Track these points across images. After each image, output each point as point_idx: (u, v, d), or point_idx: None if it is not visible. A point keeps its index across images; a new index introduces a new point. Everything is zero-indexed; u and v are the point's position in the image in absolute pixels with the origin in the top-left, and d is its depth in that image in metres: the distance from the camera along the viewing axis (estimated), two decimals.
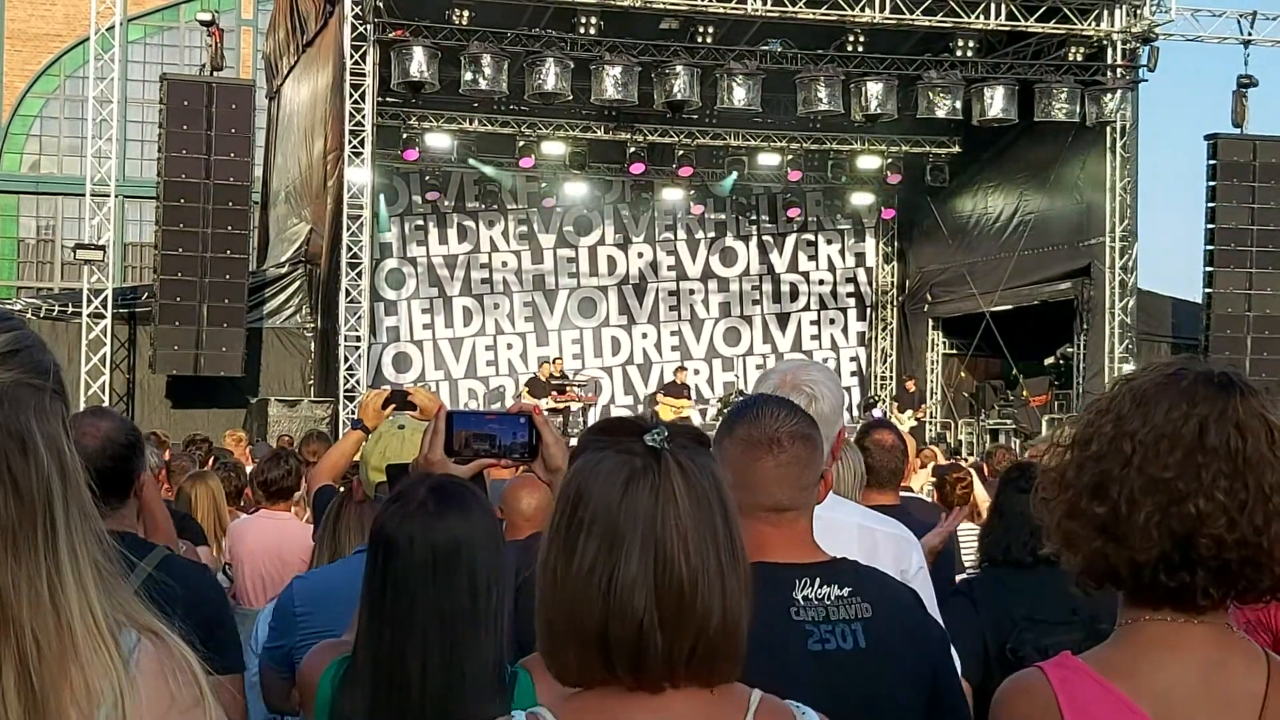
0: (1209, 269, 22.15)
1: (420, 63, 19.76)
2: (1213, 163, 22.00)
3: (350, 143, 19.83)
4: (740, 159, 24.29)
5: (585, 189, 24.68)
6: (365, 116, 19.89)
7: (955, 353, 25.65)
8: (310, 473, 5.50)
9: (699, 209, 25.57)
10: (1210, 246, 22.12)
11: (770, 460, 2.46)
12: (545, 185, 24.51)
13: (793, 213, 25.87)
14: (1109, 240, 21.90)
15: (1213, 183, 22.03)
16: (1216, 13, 22.30)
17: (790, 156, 24.22)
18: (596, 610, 1.62)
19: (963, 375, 25.47)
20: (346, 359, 19.88)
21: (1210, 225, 22.09)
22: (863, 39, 20.90)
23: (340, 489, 4.54)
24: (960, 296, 24.52)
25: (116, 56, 21.95)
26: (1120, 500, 1.80)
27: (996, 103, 21.27)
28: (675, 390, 22.87)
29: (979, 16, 21.01)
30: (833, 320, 26.73)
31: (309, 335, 21.90)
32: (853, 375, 26.40)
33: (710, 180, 25.16)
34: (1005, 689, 1.89)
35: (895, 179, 24.69)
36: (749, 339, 26.11)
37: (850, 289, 26.82)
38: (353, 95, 19.79)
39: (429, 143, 22.64)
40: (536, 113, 22.49)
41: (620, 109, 21.70)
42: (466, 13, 19.66)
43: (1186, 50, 26.40)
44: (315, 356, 21.65)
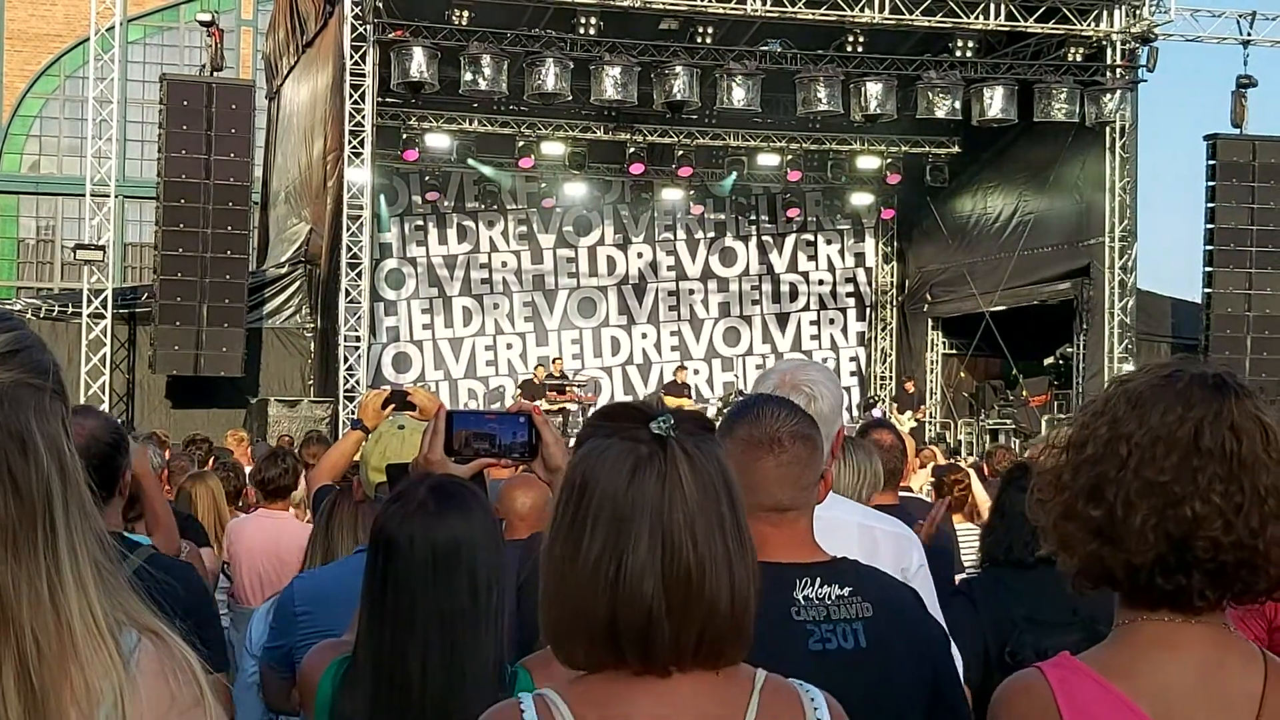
0: (1208, 269, 22.16)
1: (420, 63, 19.76)
2: (1212, 163, 22.02)
3: (350, 143, 19.83)
4: (740, 159, 24.30)
5: (585, 189, 24.69)
6: (365, 117, 19.89)
7: (955, 353, 25.65)
8: (310, 474, 5.50)
9: (698, 209, 25.58)
10: (1210, 247, 22.13)
11: (771, 460, 2.46)
12: (545, 185, 24.52)
13: (792, 213, 25.88)
14: (1108, 240, 21.91)
15: (1212, 183, 22.04)
16: (1216, 13, 22.33)
17: (790, 156, 24.22)
18: (604, 597, 1.62)
19: (962, 375, 25.47)
20: (346, 359, 19.88)
21: (1210, 225, 22.10)
22: (862, 39, 20.91)
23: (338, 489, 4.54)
24: (960, 296, 24.53)
25: (116, 57, 21.96)
26: (1116, 503, 1.80)
27: (996, 103, 21.29)
28: (675, 390, 22.86)
29: (978, 17, 21.01)
30: (832, 320, 26.74)
31: (309, 335, 21.90)
32: (852, 375, 26.40)
33: (710, 180, 25.17)
34: (1004, 690, 1.89)
35: (895, 179, 24.70)
36: (748, 339, 26.11)
37: (850, 289, 26.83)
38: (352, 95, 19.80)
39: (429, 143, 22.65)
40: (536, 113, 22.49)
41: (620, 109, 21.70)
42: (466, 13, 19.67)
43: (1186, 50, 26.46)
44: (315, 357, 21.65)
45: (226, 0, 31.64)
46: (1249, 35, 22.23)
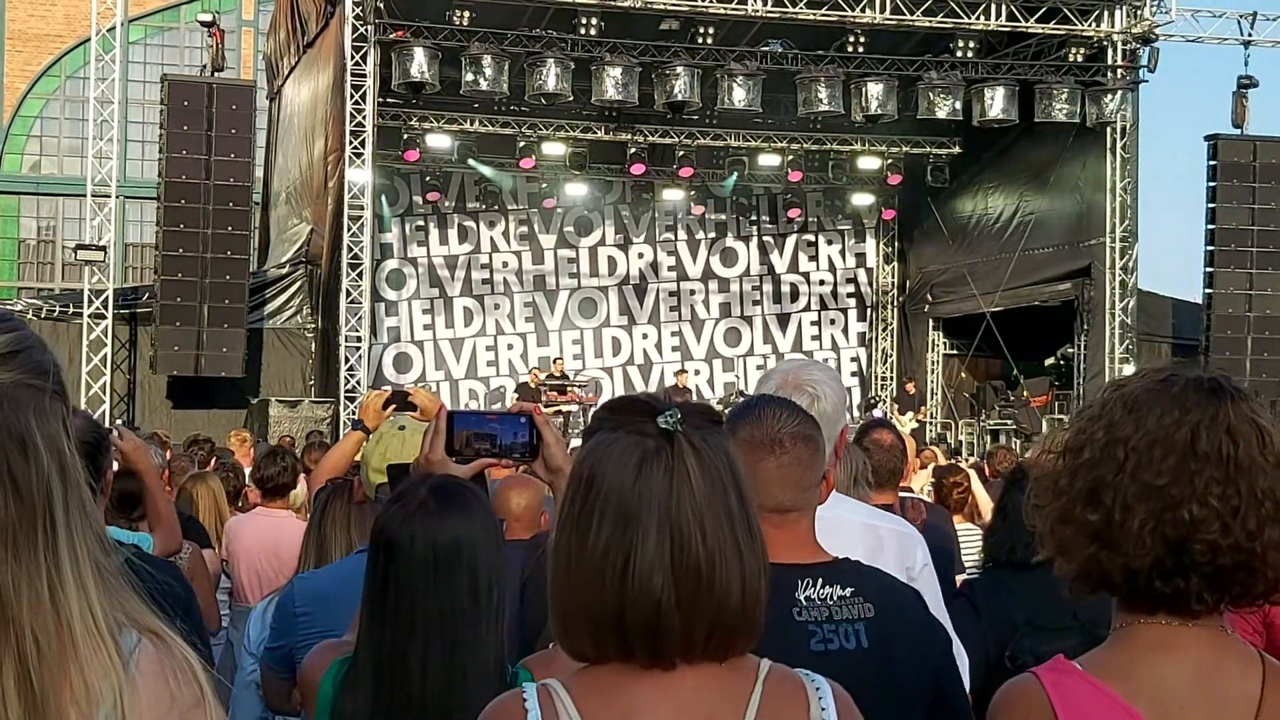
0: (1209, 269, 22.15)
1: (421, 63, 19.77)
2: (1213, 163, 22.01)
3: (351, 143, 19.84)
4: (741, 159, 24.30)
5: (586, 189, 24.70)
6: (366, 117, 19.90)
7: (956, 353, 25.65)
8: (311, 477, 5.50)
9: (699, 209, 25.58)
10: (1210, 247, 22.13)
11: (772, 461, 2.46)
12: (546, 186, 24.52)
13: (793, 213, 25.88)
14: (1109, 241, 21.90)
15: (1213, 183, 22.04)
16: (1216, 13, 22.32)
17: (791, 157, 24.23)
18: (611, 591, 1.63)
19: (963, 376, 25.47)
20: (347, 359, 19.89)
21: (1210, 226, 22.10)
22: (863, 39, 20.91)
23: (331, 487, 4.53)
24: (961, 297, 24.52)
25: (117, 57, 21.96)
26: (1114, 507, 1.81)
27: (997, 103, 21.28)
28: (675, 394, 22.85)
29: (979, 17, 21.01)
30: (833, 321, 26.74)
31: (309, 336, 21.90)
32: (853, 376, 26.40)
33: (711, 181, 25.17)
34: (1000, 696, 1.89)
35: (896, 179, 24.70)
36: (749, 339, 26.11)
37: (851, 289, 26.83)
38: (353, 96, 19.80)
39: (429, 143, 22.65)
40: (537, 113, 22.49)
41: (621, 110, 21.70)
42: (467, 13, 19.67)
43: (1187, 51, 26.46)
44: (316, 357, 21.66)
45: (227, 1, 31.65)
46: (1250, 36, 22.22)
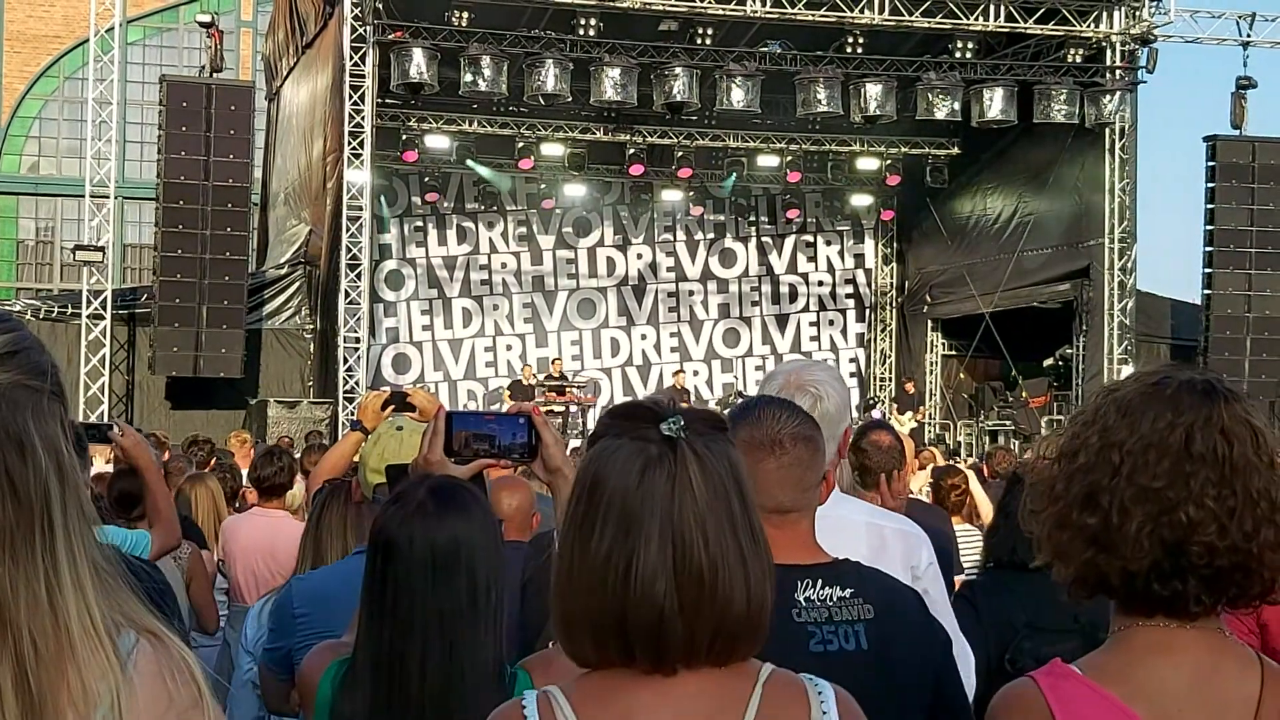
0: (1208, 270, 22.16)
1: (419, 64, 19.77)
2: (1212, 164, 22.03)
3: (350, 144, 19.83)
4: (739, 160, 24.31)
5: (584, 190, 24.70)
6: (365, 118, 19.89)
7: (954, 354, 25.66)
8: (310, 479, 5.49)
9: (698, 210, 25.59)
10: (1209, 248, 22.14)
11: (772, 462, 2.46)
12: (544, 186, 24.53)
13: (792, 214, 25.88)
14: (1108, 241, 21.91)
15: (1212, 184, 22.05)
16: (1215, 14, 22.34)
17: (789, 158, 24.23)
18: (614, 597, 1.63)
19: (962, 376, 25.48)
20: (346, 360, 19.89)
21: (1209, 227, 22.11)
22: (862, 40, 20.91)
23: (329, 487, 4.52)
24: (959, 298, 24.53)
25: (116, 58, 21.94)
26: (1111, 511, 1.81)
27: (995, 104, 21.30)
28: (674, 396, 22.85)
29: (978, 18, 21.02)
30: (832, 321, 26.75)
31: (308, 336, 21.90)
32: (852, 376, 26.39)
33: (709, 181, 25.18)
34: (998, 701, 1.90)
35: (894, 180, 24.70)
36: (748, 340, 26.12)
37: (849, 290, 26.84)
38: (352, 97, 19.80)
39: (428, 144, 22.65)
40: (536, 114, 22.50)
41: (620, 110, 21.70)
42: (466, 14, 19.68)
43: (1185, 52, 26.50)
44: (314, 358, 21.66)
45: (226, 1, 31.66)
46: (1248, 36, 22.24)
